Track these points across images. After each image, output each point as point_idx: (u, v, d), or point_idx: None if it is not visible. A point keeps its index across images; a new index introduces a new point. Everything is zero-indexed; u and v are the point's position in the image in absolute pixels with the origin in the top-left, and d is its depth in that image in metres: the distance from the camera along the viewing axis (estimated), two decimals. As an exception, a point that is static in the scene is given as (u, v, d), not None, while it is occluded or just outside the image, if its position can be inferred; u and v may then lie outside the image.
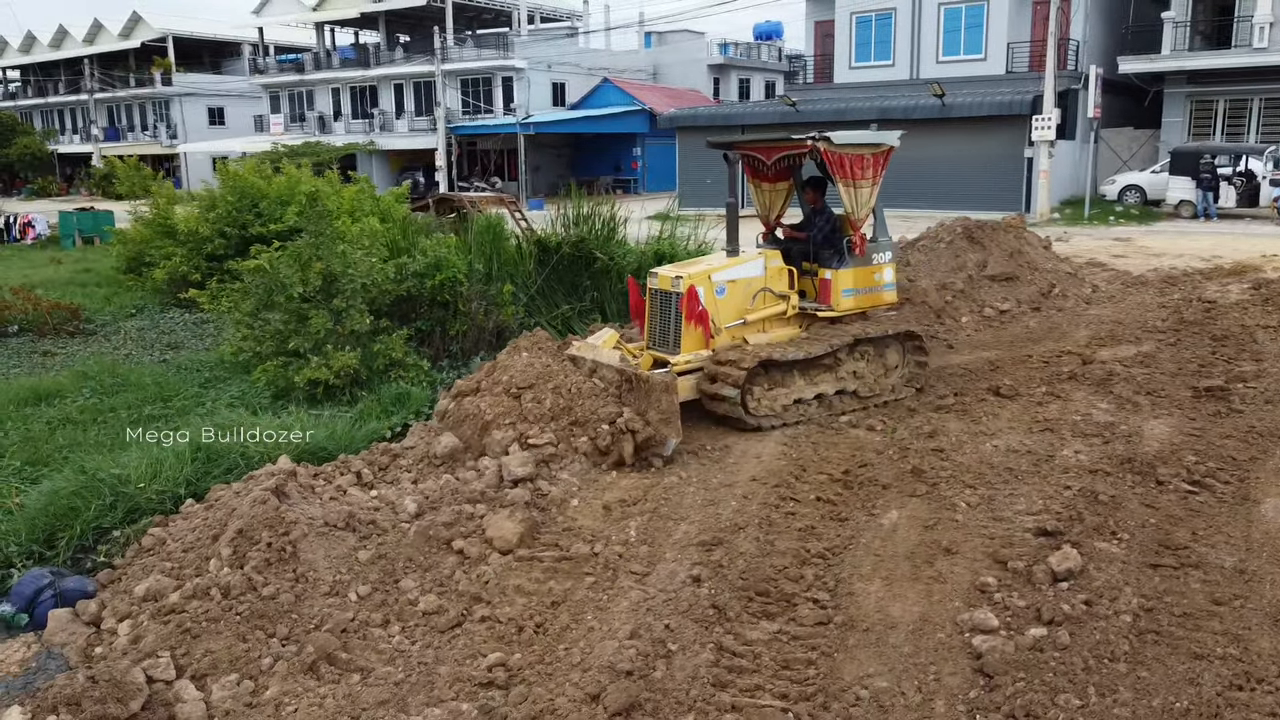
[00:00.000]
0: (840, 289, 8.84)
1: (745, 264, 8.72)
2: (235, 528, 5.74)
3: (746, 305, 8.63)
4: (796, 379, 8.42)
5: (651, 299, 8.73)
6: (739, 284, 8.57)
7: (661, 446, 7.39)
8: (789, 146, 8.80)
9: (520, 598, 5.49)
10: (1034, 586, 5.31)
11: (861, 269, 8.97)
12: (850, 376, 8.77)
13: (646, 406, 7.49)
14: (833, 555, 5.84)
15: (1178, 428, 7.93)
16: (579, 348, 8.67)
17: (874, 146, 8.82)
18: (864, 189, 8.78)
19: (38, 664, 5.24)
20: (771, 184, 9.49)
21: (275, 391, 9.84)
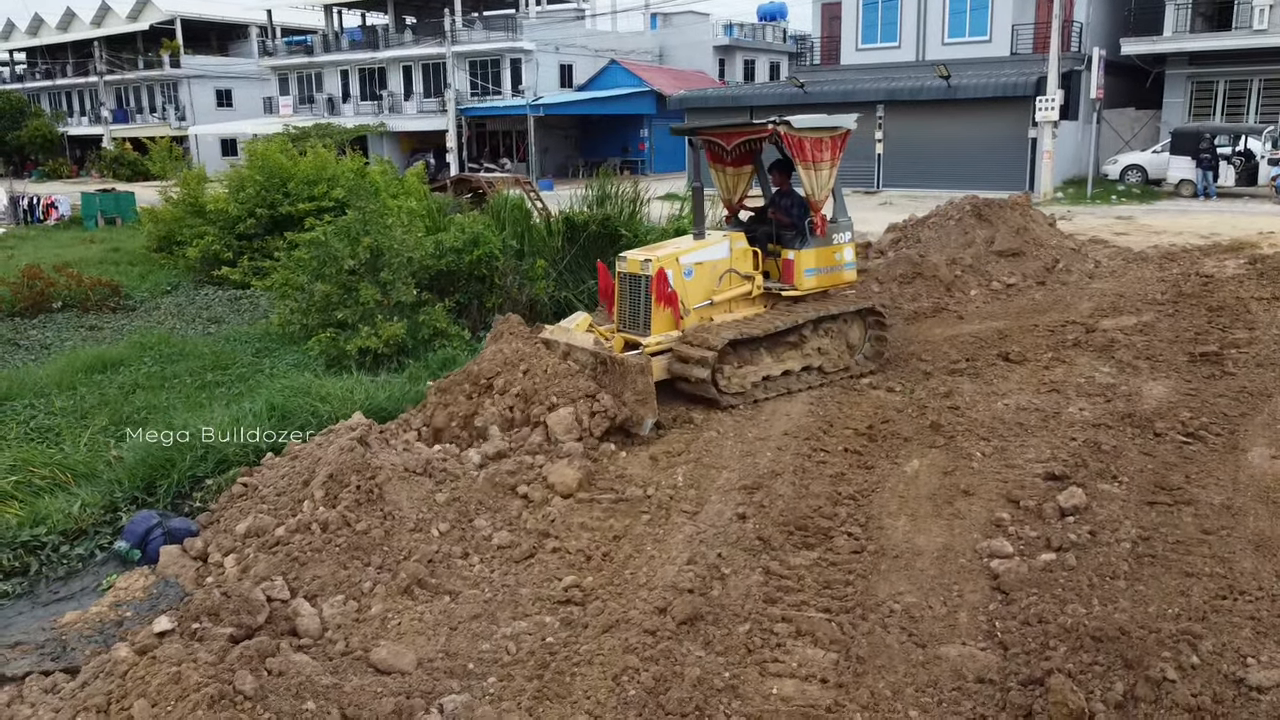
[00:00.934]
0: (803, 269, 9.04)
1: (711, 246, 8.89)
2: (326, 473, 6.40)
3: (714, 286, 8.81)
4: (764, 356, 8.63)
5: (621, 282, 8.87)
6: (705, 266, 8.76)
7: (639, 426, 7.63)
8: (750, 131, 9.01)
9: (585, 533, 6.15)
10: (1044, 521, 5.96)
11: (823, 249, 9.19)
12: (815, 353, 9.02)
13: (623, 388, 7.71)
14: (862, 497, 6.50)
15: (1174, 388, 8.56)
16: (552, 331, 8.86)
17: (832, 130, 9.07)
18: (823, 171, 9.02)
19: (158, 591, 5.90)
20: (735, 168, 9.69)
21: (328, 360, 10.48)
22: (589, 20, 47.05)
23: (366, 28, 51.20)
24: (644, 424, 7.65)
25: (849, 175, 29.32)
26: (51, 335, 13.55)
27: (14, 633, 5.49)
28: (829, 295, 9.36)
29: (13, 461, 7.13)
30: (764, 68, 52.07)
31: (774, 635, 4.96)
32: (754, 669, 4.71)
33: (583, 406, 7.43)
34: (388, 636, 5.14)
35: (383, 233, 10.69)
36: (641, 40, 50.65)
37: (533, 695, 4.52)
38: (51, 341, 13.15)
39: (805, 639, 4.93)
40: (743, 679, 4.62)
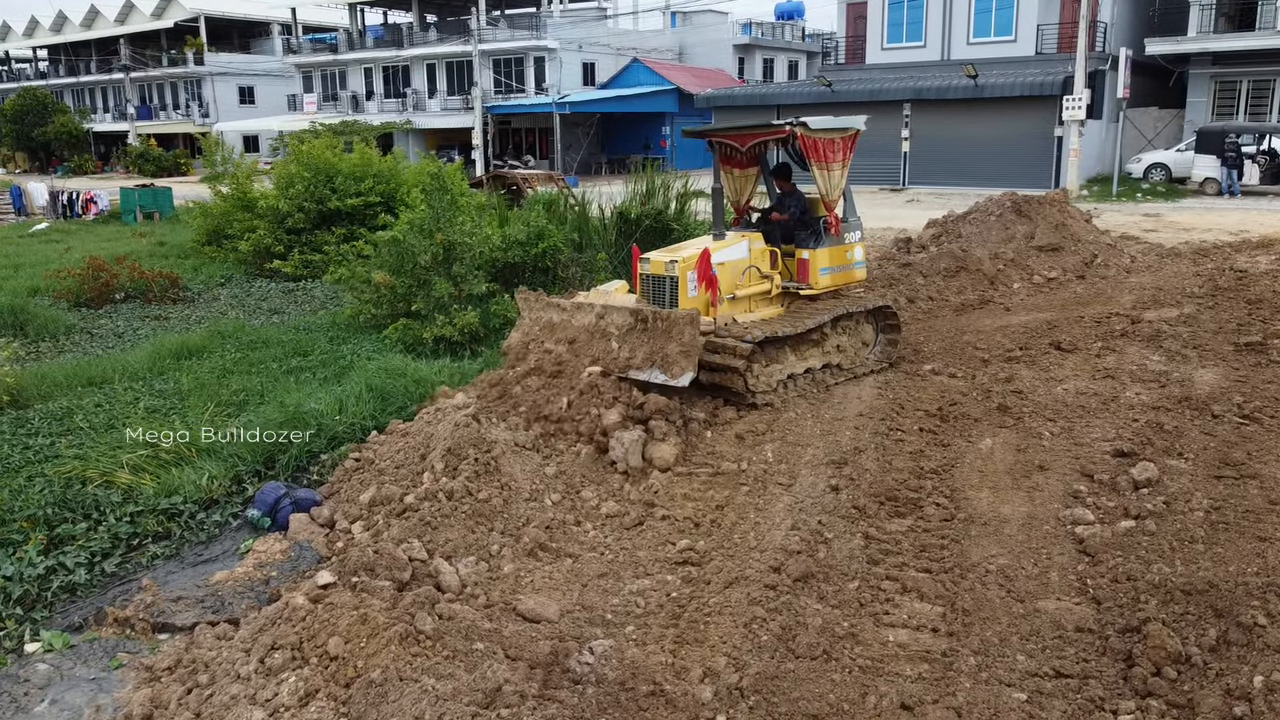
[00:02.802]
0: (818, 268, 9.25)
1: (732, 246, 9.01)
2: (444, 447, 6.86)
3: (736, 284, 8.96)
4: (789, 355, 8.73)
5: (644, 284, 8.88)
6: (727, 266, 8.86)
7: (677, 378, 7.59)
8: (766, 133, 9.18)
9: (689, 503, 6.61)
10: (1118, 493, 6.40)
11: (836, 248, 9.40)
12: (835, 350, 9.21)
13: (666, 341, 7.74)
14: (944, 472, 6.95)
15: (1224, 375, 8.99)
16: (588, 295, 9.06)
17: (843, 130, 9.24)
18: (835, 171, 9.18)
19: (295, 554, 6.37)
20: (742, 170, 9.90)
21: (405, 347, 10.95)
22: (611, 19, 47.49)
23: (390, 26, 51.77)
24: (684, 376, 7.62)
25: (877, 173, 29.79)
26: (122, 324, 14.04)
27: (173, 589, 5.96)
28: (841, 293, 9.54)
29: (142, 438, 7.61)
30: (783, 66, 52.48)
31: (882, 591, 5.41)
32: (869, 620, 5.16)
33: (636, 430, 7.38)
34: (523, 591, 5.60)
35: (455, 228, 11.15)
36: (662, 39, 51.10)
37: (673, 640, 4.98)
38: (123, 330, 13.63)
39: (911, 594, 5.37)
40: (860, 628, 5.07)
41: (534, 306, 8.94)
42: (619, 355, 7.97)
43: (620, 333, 8.08)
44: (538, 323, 8.81)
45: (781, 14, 55.39)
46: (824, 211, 9.39)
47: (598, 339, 8.18)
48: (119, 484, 7.07)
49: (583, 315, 8.42)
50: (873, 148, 29.46)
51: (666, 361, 7.69)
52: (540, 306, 8.88)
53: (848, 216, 9.62)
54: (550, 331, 8.60)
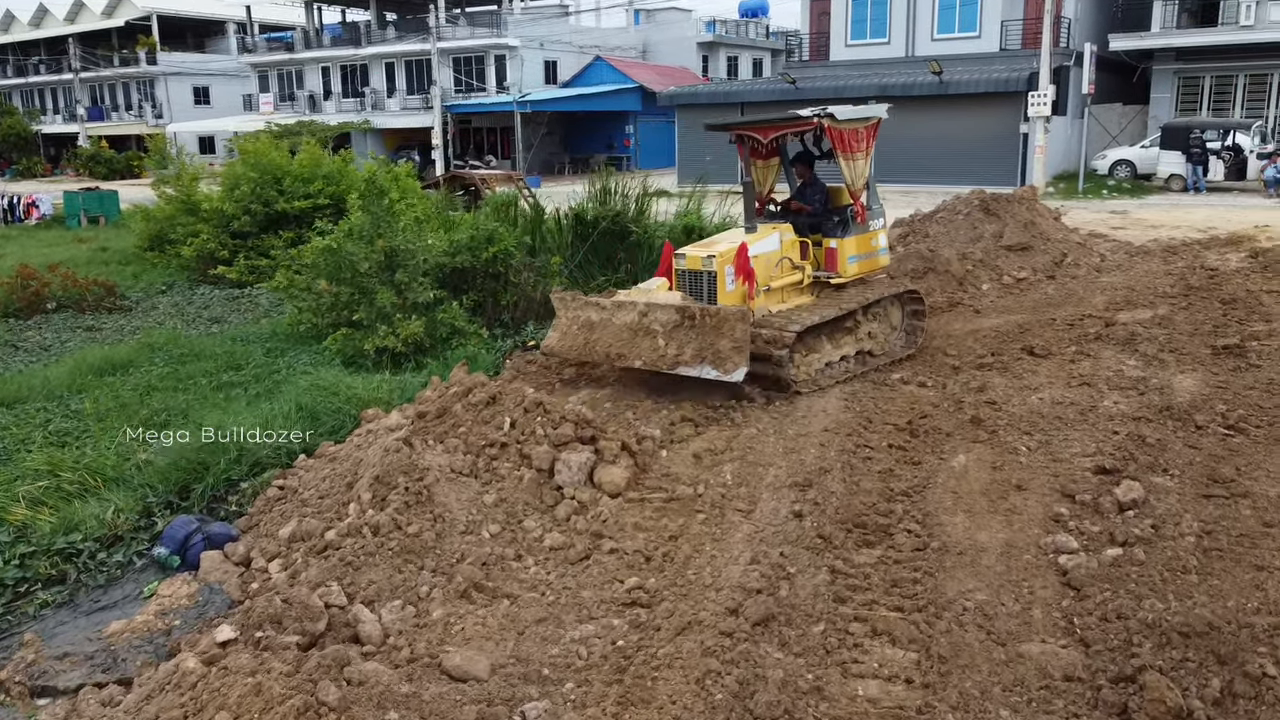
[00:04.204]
0: (846, 256, 9.32)
1: (765, 239, 9.05)
2: (371, 475, 6.26)
3: (770, 275, 9.01)
4: (825, 343, 8.88)
5: (680, 279, 8.94)
6: (761, 258, 8.89)
7: (731, 374, 7.76)
8: (793, 125, 9.16)
9: (640, 533, 6.06)
10: (1102, 515, 5.93)
11: (862, 236, 9.48)
12: (867, 337, 9.33)
13: (717, 337, 7.85)
14: (915, 493, 6.44)
15: (1204, 381, 8.58)
16: (629, 293, 9.08)
17: (866, 120, 9.27)
18: (859, 161, 9.24)
19: (204, 598, 5.74)
20: (764, 161, 9.87)
21: (345, 359, 10.31)
22: (573, 16, 46.85)
23: (347, 24, 50.75)
24: (737, 371, 7.75)
25: (840, 171, 29.40)
26: (50, 336, 13.26)
27: (60, 644, 5.32)
28: (867, 281, 9.61)
29: (41, 466, 6.93)
30: (747, 64, 52.09)
31: (850, 635, 4.90)
32: (835, 670, 4.63)
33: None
34: (453, 642, 5.02)
35: (397, 234, 10.52)
36: (625, 36, 50.53)
37: (616, 701, 4.42)
38: (51, 343, 12.87)
39: (882, 638, 4.86)
40: (826, 680, 4.54)
41: (571, 305, 8.97)
42: (666, 352, 8.08)
43: (666, 329, 8.17)
44: (575, 321, 8.84)
45: (745, 11, 54.96)
46: (847, 200, 9.46)
47: (642, 336, 8.25)
48: (12, 520, 6.40)
49: (624, 313, 8.47)
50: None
51: (719, 357, 7.82)
52: (578, 305, 8.91)
53: (871, 204, 9.63)
54: (590, 330, 8.64)
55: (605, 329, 8.57)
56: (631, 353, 8.31)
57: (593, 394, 8.72)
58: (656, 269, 12.72)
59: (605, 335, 8.54)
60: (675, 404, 8.33)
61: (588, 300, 8.96)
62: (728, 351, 7.81)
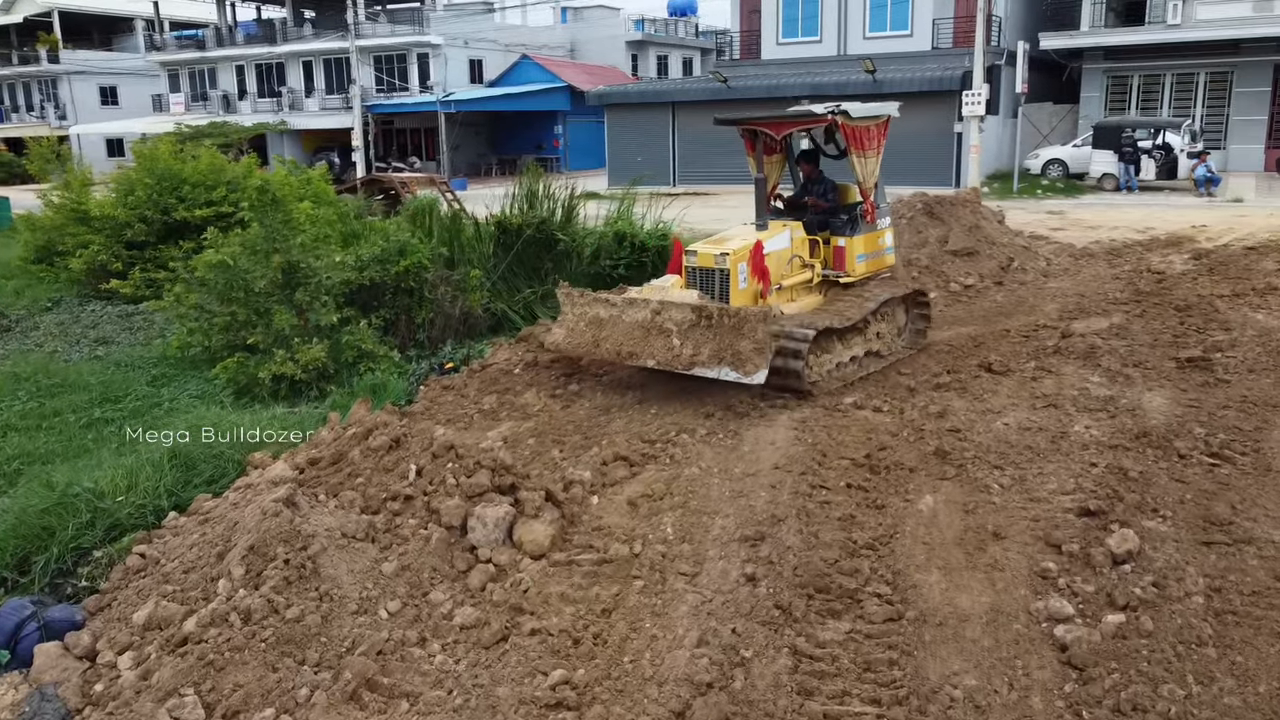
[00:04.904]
0: (854, 255, 9.18)
1: (776, 236, 8.87)
2: (246, 544, 5.25)
3: (782, 273, 8.86)
4: (836, 344, 8.69)
5: (690, 276, 8.68)
6: (773, 256, 8.71)
7: (751, 375, 7.54)
8: (806, 121, 9.03)
9: (567, 606, 5.15)
10: (1095, 570, 5.20)
11: (870, 235, 9.35)
12: (875, 337, 9.18)
13: (736, 338, 7.62)
14: (881, 545, 5.65)
15: (1174, 399, 7.99)
16: (641, 290, 8.79)
17: (877, 117, 9.17)
18: (871, 159, 9.12)
19: (31, 708, 4.69)
20: (769, 156, 9.57)
21: (237, 388, 9.22)
22: (498, 14, 45.64)
23: (262, 21, 48.74)
24: (757, 374, 7.55)
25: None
26: (-91, 364, 11.85)
27: None
28: (874, 279, 9.49)
29: None
30: (677, 63, 51.43)
31: (820, 740, 4.06)
32: (806, 792, 3.79)
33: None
34: (336, 765, 4.07)
35: (295, 249, 9.44)
36: (552, 35, 49.48)
37: None
38: (-91, 372, 11.48)
39: (859, 744, 4.04)
40: (795, 808, 3.70)
41: (578, 302, 8.71)
42: (681, 352, 7.84)
43: (680, 329, 7.93)
44: (583, 318, 8.58)
45: (674, 10, 54.27)
46: (856, 198, 9.40)
47: (655, 335, 8.02)
48: None
49: (636, 311, 8.21)
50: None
51: (738, 359, 7.60)
52: (586, 302, 8.66)
53: (879, 202, 9.53)
54: (598, 327, 8.38)
55: (615, 326, 8.29)
56: (644, 352, 8.02)
57: (515, 428, 7.79)
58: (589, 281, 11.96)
59: (615, 333, 8.26)
60: (608, 439, 7.45)
61: (596, 297, 8.70)
62: (748, 353, 7.57)
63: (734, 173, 29.46)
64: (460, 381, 9.15)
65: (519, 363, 9.40)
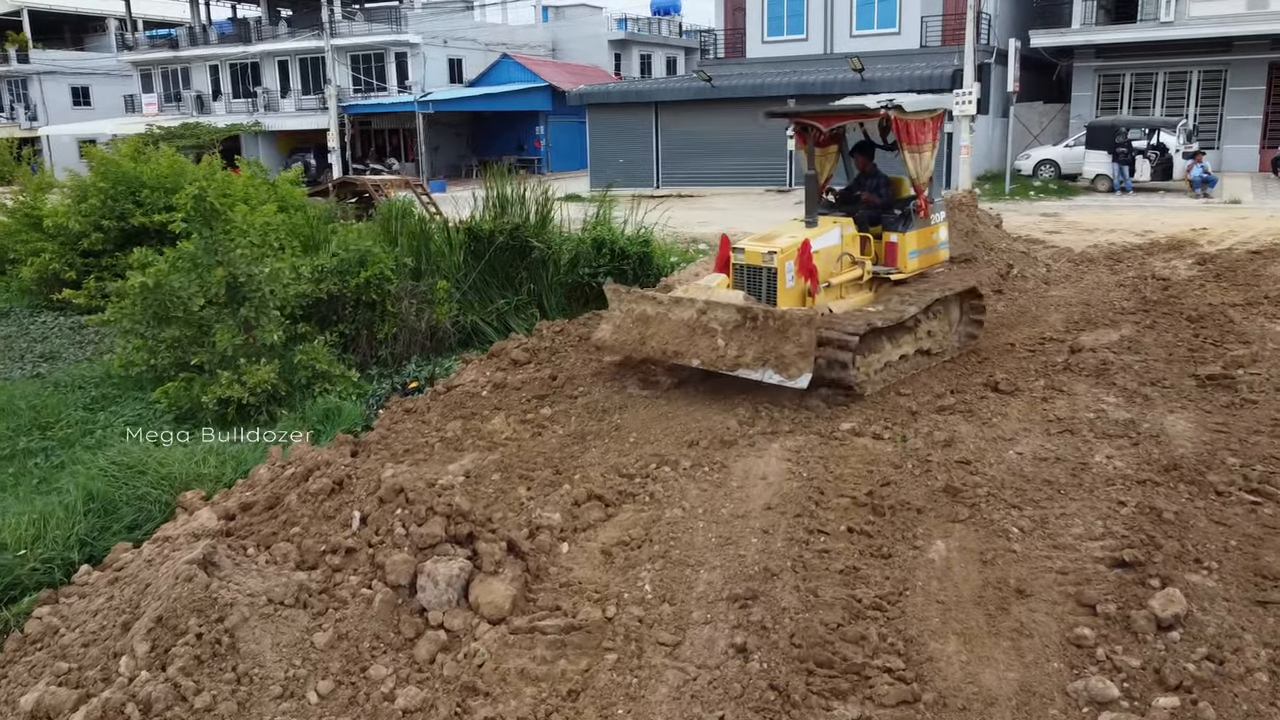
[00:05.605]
0: (907, 251, 9.02)
1: (826, 233, 8.72)
2: (153, 614, 4.50)
3: (831, 271, 8.70)
4: (885, 343, 8.46)
5: (738, 274, 8.56)
6: (822, 253, 8.57)
7: (794, 380, 7.44)
8: (860, 115, 8.98)
9: (528, 686, 4.42)
10: (1138, 638, 4.51)
11: (923, 230, 9.18)
12: (926, 336, 8.96)
13: (780, 341, 7.52)
14: (889, 605, 4.95)
15: (1199, 423, 7.34)
16: (688, 289, 8.76)
17: (931, 111, 9.11)
18: (925, 153, 8.97)
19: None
20: (821, 149, 9.51)
21: (180, 414, 8.45)
22: (478, 12, 44.81)
23: (237, 20, 47.75)
24: (801, 378, 7.46)
25: (763, 173, 28.18)
26: None
27: None
28: (927, 276, 9.32)
29: None
30: (660, 62, 50.75)
31: None
32: None
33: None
34: None
35: (239, 260, 8.67)
36: (534, 34, 48.70)
37: None
38: None
39: None
40: None
41: (626, 299, 8.69)
42: (726, 352, 7.81)
43: (725, 329, 7.88)
44: (630, 315, 8.55)
45: (658, 9, 53.57)
46: (908, 193, 9.26)
47: (700, 335, 7.99)
48: None
49: (682, 310, 8.19)
50: (756, 146, 27.84)
51: (782, 363, 7.53)
52: (633, 299, 8.63)
53: (934, 197, 9.39)
54: (645, 325, 8.35)
55: (661, 324, 8.29)
56: (689, 351, 8.01)
57: (480, 460, 7.05)
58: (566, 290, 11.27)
59: (661, 331, 8.26)
60: (581, 473, 6.73)
61: (643, 294, 8.71)
62: (792, 356, 7.49)
63: (718, 174, 28.92)
64: (423, 404, 8.41)
65: (487, 383, 8.67)
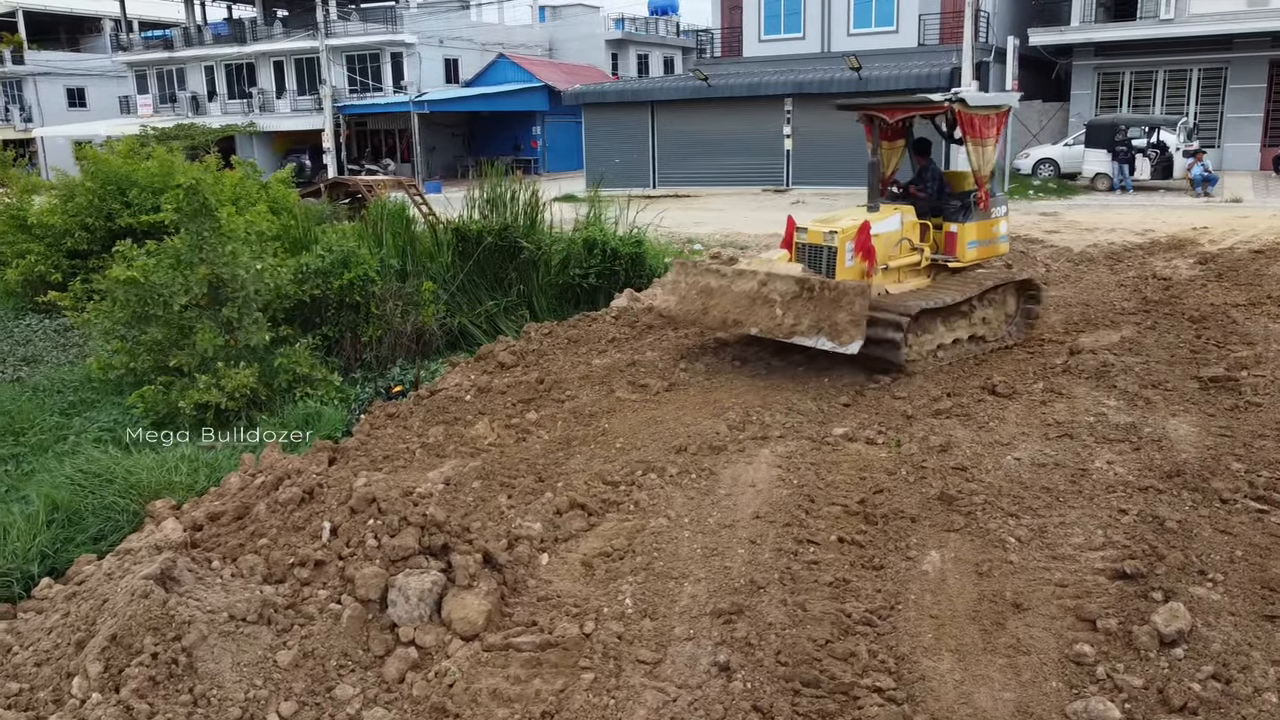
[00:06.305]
0: (965, 241, 9.38)
1: (887, 219, 9.08)
2: (107, 632, 4.29)
3: (889, 255, 9.02)
4: (939, 326, 8.84)
5: (800, 253, 9.07)
6: (882, 237, 8.91)
7: (846, 346, 7.83)
8: (923, 108, 9.37)
9: (500, 708, 4.21)
10: (1140, 654, 4.31)
11: (983, 222, 9.51)
12: (980, 323, 9.30)
13: (834, 310, 7.93)
14: (880, 619, 4.74)
15: (1202, 427, 7.14)
16: (750, 262, 9.37)
17: (996, 107, 9.43)
18: (988, 147, 9.30)
19: None
20: (889, 142, 9.90)
21: (156, 419, 8.24)
22: (474, 11, 44.58)
23: (233, 20, 47.51)
24: (852, 344, 7.85)
25: (759, 173, 27.95)
26: None
27: None
28: (984, 266, 9.75)
29: None
30: (658, 62, 50.51)
31: None
32: None
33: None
34: None
35: (223, 259, 8.47)
36: (530, 34, 48.46)
37: None
38: None
39: None
40: None
41: (691, 272, 9.26)
42: (783, 321, 8.25)
43: (784, 299, 8.32)
44: (694, 287, 9.06)
45: (655, 9, 53.30)
46: (970, 185, 9.58)
47: (759, 305, 8.45)
48: None
49: (744, 281, 8.66)
50: (753, 146, 27.62)
51: (835, 329, 7.93)
52: (698, 272, 9.18)
53: (995, 191, 9.76)
54: (708, 296, 8.83)
55: (723, 296, 8.74)
56: (748, 320, 8.51)
57: (460, 467, 6.83)
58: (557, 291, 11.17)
59: (723, 301, 8.72)
60: (565, 480, 6.52)
61: (707, 267, 9.26)
62: (845, 324, 7.89)
63: (715, 174, 28.69)
64: (406, 409, 8.20)
65: (471, 388, 8.45)
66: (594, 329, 10.63)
